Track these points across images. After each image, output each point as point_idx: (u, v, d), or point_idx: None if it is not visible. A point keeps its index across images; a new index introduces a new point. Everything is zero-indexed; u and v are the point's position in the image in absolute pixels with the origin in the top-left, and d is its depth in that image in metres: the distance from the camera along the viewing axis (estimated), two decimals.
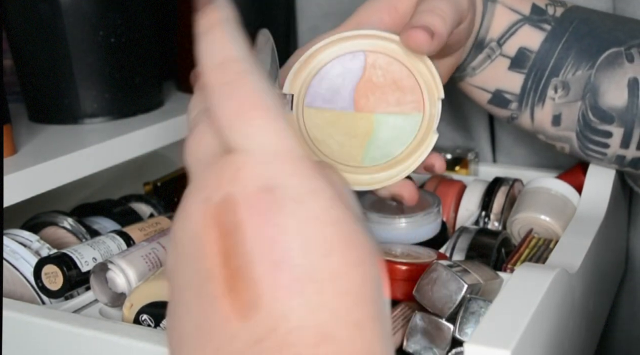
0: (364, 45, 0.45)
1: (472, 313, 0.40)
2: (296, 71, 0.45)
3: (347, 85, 0.45)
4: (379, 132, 0.45)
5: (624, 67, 0.51)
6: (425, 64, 0.45)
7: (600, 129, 0.52)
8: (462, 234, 0.55)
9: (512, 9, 0.52)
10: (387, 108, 0.45)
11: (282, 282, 0.25)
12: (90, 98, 0.66)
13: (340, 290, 0.26)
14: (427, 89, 0.45)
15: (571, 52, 0.52)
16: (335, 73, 0.45)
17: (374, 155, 0.46)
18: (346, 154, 0.45)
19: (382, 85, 0.45)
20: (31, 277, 0.52)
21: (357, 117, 0.45)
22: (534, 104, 0.53)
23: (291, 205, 0.26)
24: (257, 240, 0.26)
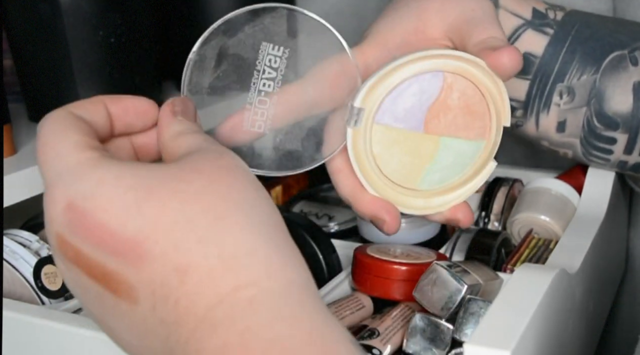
0: (443, 65, 0.43)
1: (472, 313, 0.40)
2: (371, 86, 0.42)
3: (422, 105, 0.43)
4: (442, 156, 0.44)
5: (628, 71, 0.51)
6: (500, 90, 0.43)
7: (605, 135, 0.52)
8: (462, 234, 0.55)
9: (514, 13, 0.52)
10: (455, 132, 0.44)
11: (128, 259, 0.29)
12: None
13: (167, 227, 0.29)
14: (497, 115, 0.44)
15: (575, 56, 0.51)
16: (412, 91, 0.43)
17: (432, 179, 0.45)
18: (405, 175, 0.44)
19: (455, 108, 0.44)
20: (31, 277, 0.52)
21: (424, 138, 0.44)
22: (539, 110, 0.53)
23: (88, 204, 0.30)
24: (94, 247, 0.30)
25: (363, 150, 0.43)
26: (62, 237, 0.31)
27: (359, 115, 0.43)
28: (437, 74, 0.43)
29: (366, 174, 0.44)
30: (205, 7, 0.75)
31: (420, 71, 0.43)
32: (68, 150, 0.32)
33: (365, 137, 0.43)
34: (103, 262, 0.30)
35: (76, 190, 0.30)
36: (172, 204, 0.29)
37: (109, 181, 0.30)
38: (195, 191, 0.30)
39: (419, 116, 0.44)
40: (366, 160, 0.44)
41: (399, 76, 0.43)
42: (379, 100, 0.43)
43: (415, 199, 0.45)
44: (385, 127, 0.43)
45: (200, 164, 0.31)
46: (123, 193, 0.30)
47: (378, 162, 0.44)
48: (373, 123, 0.43)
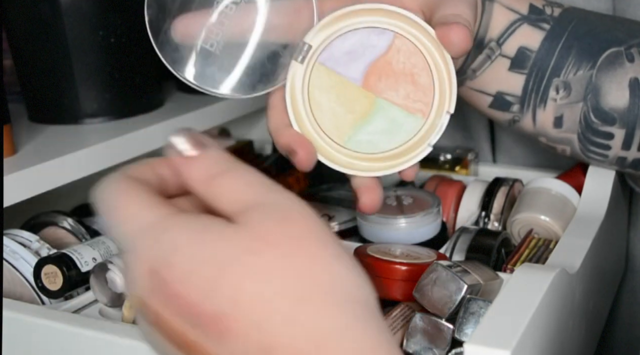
0: (397, 26, 0.43)
1: (472, 313, 0.40)
2: (323, 25, 0.43)
3: (365, 58, 0.43)
4: (376, 118, 0.44)
5: (624, 67, 0.51)
6: (449, 70, 0.43)
7: (602, 130, 0.52)
8: (462, 234, 0.55)
9: (510, 8, 0.52)
10: (393, 97, 0.44)
11: (208, 331, 0.29)
12: (90, 98, 0.66)
13: (242, 306, 0.29)
14: (440, 96, 0.44)
15: (572, 51, 0.52)
16: (359, 40, 0.43)
17: (360, 140, 0.44)
18: (334, 126, 0.44)
19: (398, 73, 0.43)
20: (31, 277, 0.52)
21: (360, 94, 0.44)
22: (535, 105, 0.53)
23: (168, 273, 0.29)
24: (177, 316, 0.30)
25: (300, 88, 0.44)
26: (143, 300, 0.30)
27: (306, 51, 0.43)
28: (388, 32, 0.43)
29: (296, 113, 0.44)
30: None
31: (372, 24, 0.43)
32: (138, 210, 0.31)
33: (305, 76, 0.44)
34: (183, 330, 0.29)
35: (155, 256, 0.30)
36: (248, 283, 0.29)
37: (183, 249, 0.30)
38: (269, 267, 0.29)
39: (360, 68, 0.44)
40: (300, 99, 0.44)
41: (351, 22, 0.43)
42: (327, 41, 0.43)
43: (338, 154, 0.44)
44: (327, 71, 0.44)
45: (266, 230, 0.30)
46: (198, 266, 0.29)
47: (312, 104, 0.44)
48: (316, 63, 0.44)
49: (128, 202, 0.32)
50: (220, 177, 0.32)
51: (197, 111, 0.72)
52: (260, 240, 0.29)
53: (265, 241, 0.29)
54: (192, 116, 0.71)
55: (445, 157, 0.73)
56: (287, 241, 0.30)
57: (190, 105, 0.73)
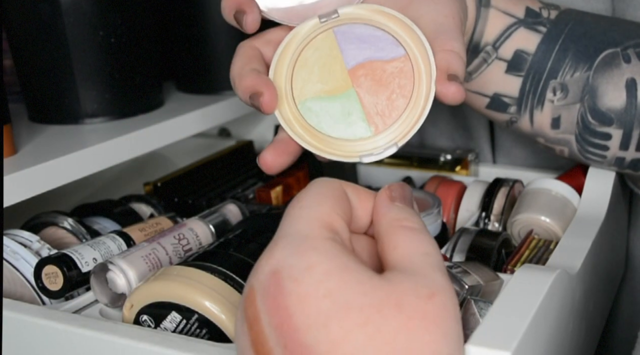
0: (411, 49, 0.43)
1: (473, 314, 0.40)
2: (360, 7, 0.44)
3: (368, 53, 0.44)
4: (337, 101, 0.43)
5: (621, 68, 0.51)
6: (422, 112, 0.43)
7: (600, 131, 0.52)
8: (462, 234, 0.55)
9: (506, 12, 0.52)
10: (364, 98, 0.43)
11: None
12: (90, 98, 0.66)
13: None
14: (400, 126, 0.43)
15: (568, 53, 0.52)
16: (375, 38, 0.44)
17: (311, 108, 0.43)
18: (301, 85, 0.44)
19: (383, 83, 0.43)
20: (31, 277, 0.52)
21: (342, 75, 0.44)
22: (533, 106, 0.53)
23: (289, 285, 0.29)
24: (270, 325, 0.29)
25: (302, 38, 0.44)
26: (253, 293, 0.30)
27: (331, 16, 0.44)
28: (400, 49, 0.44)
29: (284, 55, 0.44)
30: (205, 7, 0.75)
31: (395, 33, 0.44)
32: (312, 218, 0.32)
33: (314, 32, 0.44)
34: (271, 345, 0.29)
35: (289, 263, 0.30)
36: (359, 335, 0.28)
37: (316, 275, 0.29)
38: (387, 331, 0.28)
39: (358, 57, 0.44)
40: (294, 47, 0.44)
41: (381, 20, 0.44)
42: (352, 20, 0.44)
43: (286, 108, 0.44)
44: (333, 40, 0.44)
45: (404, 298, 0.29)
46: (321, 296, 0.29)
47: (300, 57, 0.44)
48: (330, 29, 0.44)
49: (313, 206, 0.32)
50: (407, 229, 0.33)
51: (197, 111, 0.72)
52: (397, 305, 0.29)
53: (397, 307, 0.29)
54: (192, 116, 0.71)
55: (446, 157, 0.73)
56: (419, 317, 0.29)
57: (190, 105, 0.73)
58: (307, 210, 0.32)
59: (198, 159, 0.78)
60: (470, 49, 0.52)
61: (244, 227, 0.55)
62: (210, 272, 0.45)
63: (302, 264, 0.30)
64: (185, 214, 0.66)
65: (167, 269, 0.46)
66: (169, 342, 0.41)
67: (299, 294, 0.29)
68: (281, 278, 0.30)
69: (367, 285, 0.29)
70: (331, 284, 0.29)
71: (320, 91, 0.44)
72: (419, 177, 0.73)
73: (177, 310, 0.44)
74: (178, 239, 0.54)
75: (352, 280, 0.29)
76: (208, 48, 0.76)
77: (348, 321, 0.28)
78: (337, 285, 0.29)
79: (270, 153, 0.43)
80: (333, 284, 0.29)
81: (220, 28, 0.75)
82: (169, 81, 0.82)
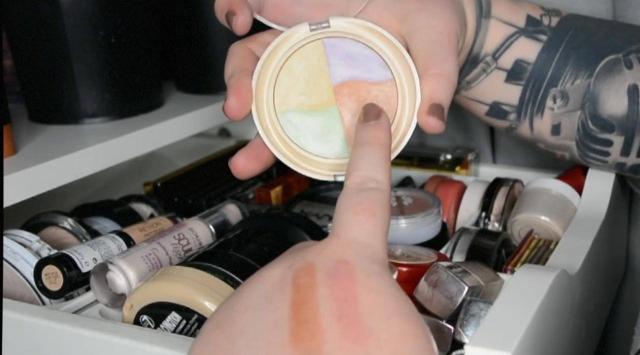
0: (399, 74, 0.43)
1: (473, 315, 0.40)
2: (352, 22, 0.43)
3: (355, 71, 0.43)
4: (318, 117, 0.43)
5: (623, 74, 0.51)
6: (402, 140, 0.43)
7: (601, 137, 0.52)
8: (463, 234, 0.55)
9: (506, 22, 0.51)
10: (346, 117, 0.43)
11: (347, 335, 0.30)
12: (90, 98, 0.66)
13: (397, 352, 0.30)
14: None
15: (569, 61, 0.51)
16: (364, 57, 0.43)
17: (291, 120, 0.43)
18: (284, 94, 0.43)
19: (366, 101, 0.43)
20: (31, 277, 0.52)
21: (327, 90, 0.43)
22: (532, 114, 0.53)
23: (361, 277, 0.32)
24: (328, 298, 0.31)
25: (289, 46, 0.43)
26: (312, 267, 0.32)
27: (322, 26, 0.43)
28: (388, 72, 0.43)
29: (268, 61, 0.43)
30: (205, 7, 0.75)
31: (384, 55, 0.43)
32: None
33: (303, 40, 0.43)
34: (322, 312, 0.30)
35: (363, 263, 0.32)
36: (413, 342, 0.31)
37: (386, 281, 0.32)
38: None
39: (345, 75, 0.43)
40: (281, 54, 0.43)
41: (372, 39, 0.43)
42: (344, 34, 0.43)
43: (266, 114, 0.43)
44: (321, 52, 0.43)
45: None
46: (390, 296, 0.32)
47: (285, 64, 0.43)
48: (319, 40, 0.43)
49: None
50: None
51: (197, 111, 0.72)
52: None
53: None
54: (192, 116, 0.71)
55: (446, 157, 0.73)
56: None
57: (190, 105, 0.73)
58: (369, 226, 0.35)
59: (198, 159, 0.78)
60: (470, 59, 0.52)
61: (244, 227, 0.55)
62: (210, 272, 0.45)
63: (376, 269, 0.33)
64: (185, 214, 0.66)
65: (167, 269, 0.46)
66: (169, 342, 0.41)
67: (370, 287, 0.31)
68: (354, 269, 0.32)
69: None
70: (396, 292, 0.32)
71: (303, 104, 0.43)
72: (419, 177, 0.73)
73: (177, 311, 0.44)
74: (178, 239, 0.54)
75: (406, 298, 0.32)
76: (208, 48, 0.76)
77: (407, 326, 0.31)
78: (400, 296, 0.32)
79: (243, 157, 0.43)
80: (397, 293, 0.32)
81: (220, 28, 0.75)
82: (169, 81, 0.82)
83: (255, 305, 0.32)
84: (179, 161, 0.82)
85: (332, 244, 0.33)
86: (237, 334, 0.31)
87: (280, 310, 0.31)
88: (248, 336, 0.31)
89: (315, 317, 0.30)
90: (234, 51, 0.44)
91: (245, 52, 0.44)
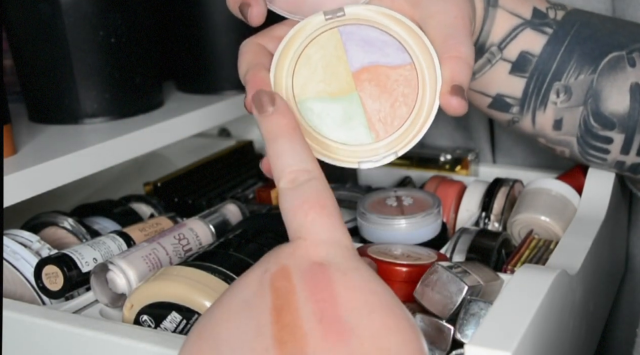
0: (417, 57, 0.43)
1: (473, 315, 0.40)
2: (366, 8, 0.43)
3: (373, 57, 0.43)
4: (339, 104, 0.43)
5: (626, 72, 0.51)
6: (426, 121, 0.42)
7: (601, 134, 0.52)
8: (462, 234, 0.55)
9: (513, 13, 0.52)
10: (367, 103, 0.43)
11: (328, 335, 0.30)
12: (90, 98, 0.66)
13: (381, 347, 0.30)
14: (402, 134, 0.42)
15: (573, 55, 0.52)
16: (381, 41, 0.43)
17: (311, 108, 0.43)
18: (303, 83, 0.43)
19: (387, 90, 0.43)
20: (31, 277, 0.52)
21: (346, 77, 0.43)
22: (535, 108, 0.53)
23: (338, 275, 0.32)
24: (307, 300, 0.31)
25: (305, 35, 0.43)
26: (287, 271, 0.33)
27: (337, 14, 0.43)
28: (406, 56, 0.43)
29: (286, 51, 0.43)
30: (205, 7, 0.75)
31: (401, 39, 0.43)
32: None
33: (319, 30, 0.43)
34: (301, 315, 0.31)
35: (337, 261, 0.33)
36: (396, 336, 0.31)
37: (364, 275, 0.33)
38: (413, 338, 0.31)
39: (363, 60, 0.43)
40: (298, 43, 0.43)
41: (388, 23, 0.43)
42: (359, 20, 0.43)
43: (287, 102, 0.42)
44: (338, 40, 0.43)
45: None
46: (368, 291, 0.32)
47: (303, 54, 0.43)
48: (335, 28, 0.43)
49: None
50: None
51: (197, 111, 0.72)
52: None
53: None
54: (192, 116, 0.71)
55: (446, 157, 0.73)
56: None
57: (190, 105, 0.73)
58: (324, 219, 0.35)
59: (198, 159, 0.78)
60: (476, 49, 0.52)
61: (244, 227, 0.55)
62: (210, 272, 0.45)
63: (351, 265, 0.33)
64: (185, 214, 0.66)
65: (167, 269, 0.46)
66: (169, 342, 0.41)
67: (347, 284, 0.32)
68: (329, 270, 0.32)
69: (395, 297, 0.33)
70: (375, 286, 0.32)
71: (323, 92, 0.43)
72: (419, 177, 0.73)
73: (177, 310, 0.44)
74: (178, 239, 0.54)
75: (387, 289, 0.33)
76: (208, 48, 0.76)
77: (389, 320, 0.31)
78: (380, 288, 0.32)
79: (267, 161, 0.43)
80: (377, 286, 0.32)
81: (220, 28, 0.75)
82: (169, 81, 0.82)
83: (237, 313, 0.32)
84: (179, 161, 0.82)
85: (300, 246, 0.34)
86: (221, 343, 0.31)
87: (261, 316, 0.31)
88: (232, 344, 0.31)
89: (296, 321, 0.30)
90: (245, 48, 0.44)
91: (257, 48, 0.44)
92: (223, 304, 0.33)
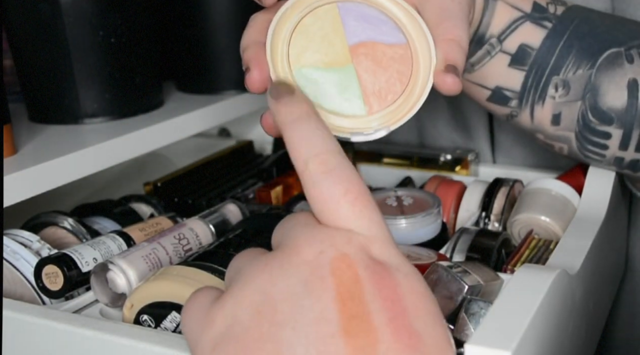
0: (412, 38, 0.43)
1: (473, 314, 0.40)
2: None
3: (370, 33, 0.43)
4: (335, 74, 0.43)
5: (624, 68, 0.51)
6: (419, 98, 0.42)
7: (600, 129, 0.52)
8: (462, 234, 0.55)
9: (513, 6, 0.52)
10: (362, 76, 0.43)
11: (399, 337, 0.29)
12: (90, 98, 0.66)
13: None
14: (395, 110, 0.42)
15: (572, 50, 0.52)
16: (378, 20, 0.43)
17: (307, 75, 0.43)
18: (299, 52, 0.43)
19: (382, 66, 0.43)
20: (32, 277, 0.52)
21: (343, 50, 0.43)
22: (534, 102, 0.53)
23: (400, 277, 0.31)
24: (375, 296, 0.30)
25: (303, 7, 0.43)
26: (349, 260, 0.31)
27: None
28: (401, 36, 0.43)
29: (282, 22, 0.43)
30: (205, 7, 0.75)
31: (397, 19, 0.43)
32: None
33: (313, 5, 0.43)
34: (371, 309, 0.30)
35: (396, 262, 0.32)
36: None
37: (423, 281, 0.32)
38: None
39: (361, 36, 0.43)
40: (296, 15, 0.43)
41: (384, 3, 0.43)
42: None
43: (282, 73, 0.43)
44: (336, 14, 0.43)
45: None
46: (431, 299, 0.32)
47: (300, 24, 0.43)
48: (334, 3, 0.43)
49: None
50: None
51: (197, 111, 0.72)
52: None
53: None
54: (192, 116, 0.71)
55: (446, 157, 0.73)
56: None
57: (190, 105, 0.73)
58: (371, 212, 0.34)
59: (198, 159, 0.78)
60: (475, 40, 0.52)
61: (244, 227, 0.55)
62: (210, 272, 0.45)
63: (408, 268, 0.32)
64: (185, 214, 0.66)
65: (167, 269, 0.46)
66: (169, 342, 0.41)
67: (411, 288, 0.31)
68: (390, 269, 0.31)
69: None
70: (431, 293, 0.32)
71: (319, 61, 0.43)
72: (419, 177, 0.73)
73: (177, 310, 0.44)
74: (178, 239, 0.54)
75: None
76: (208, 48, 0.76)
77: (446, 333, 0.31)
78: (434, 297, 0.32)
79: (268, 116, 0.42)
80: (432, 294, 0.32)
81: (220, 28, 0.75)
82: (169, 81, 0.82)
83: (296, 294, 0.31)
84: (179, 161, 0.82)
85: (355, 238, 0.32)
86: (281, 322, 0.30)
87: (324, 301, 0.30)
88: (294, 325, 0.30)
89: (365, 315, 0.30)
90: (253, 22, 0.44)
91: (264, 24, 0.43)
92: (277, 280, 0.31)
